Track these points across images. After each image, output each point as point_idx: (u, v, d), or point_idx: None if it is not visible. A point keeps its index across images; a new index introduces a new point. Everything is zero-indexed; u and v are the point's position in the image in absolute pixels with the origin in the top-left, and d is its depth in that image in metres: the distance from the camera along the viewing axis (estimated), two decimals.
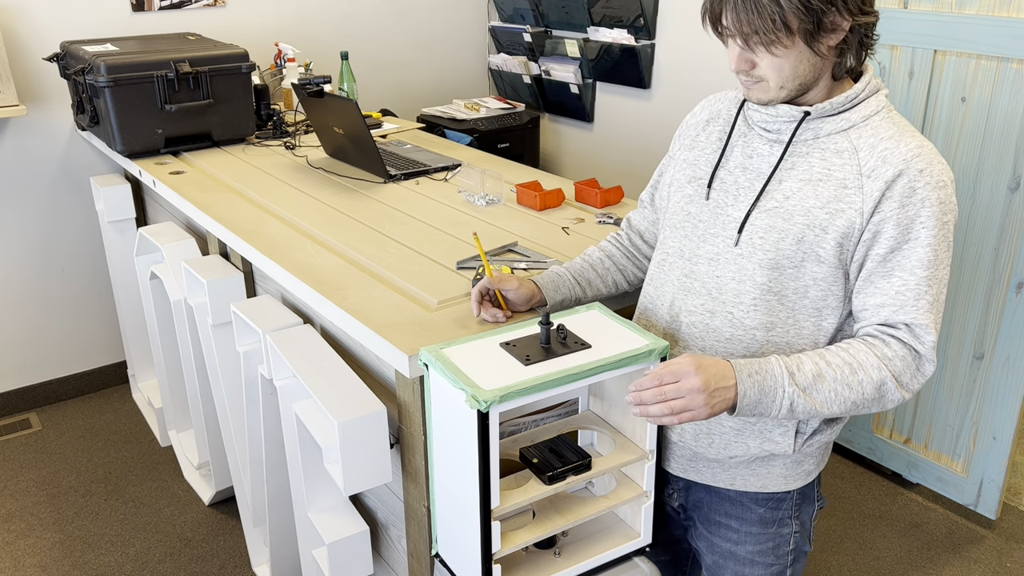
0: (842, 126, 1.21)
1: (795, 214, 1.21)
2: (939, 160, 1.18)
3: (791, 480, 1.36)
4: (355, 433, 1.46)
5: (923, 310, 1.17)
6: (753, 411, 1.17)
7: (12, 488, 2.73)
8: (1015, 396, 2.37)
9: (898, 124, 1.21)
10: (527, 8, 3.64)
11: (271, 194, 2.22)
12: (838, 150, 1.21)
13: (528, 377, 1.20)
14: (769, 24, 1.12)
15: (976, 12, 2.20)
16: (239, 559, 2.41)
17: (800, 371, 1.16)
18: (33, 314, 3.12)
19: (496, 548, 1.27)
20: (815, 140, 1.22)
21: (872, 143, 1.19)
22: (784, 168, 1.24)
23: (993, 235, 2.30)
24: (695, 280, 1.31)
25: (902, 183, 1.16)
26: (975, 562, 2.40)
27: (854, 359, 1.17)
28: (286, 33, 3.37)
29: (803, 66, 1.17)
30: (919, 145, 1.18)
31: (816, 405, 1.16)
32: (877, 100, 1.23)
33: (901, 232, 1.16)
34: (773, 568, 1.41)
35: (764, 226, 1.23)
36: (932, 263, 1.17)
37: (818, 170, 1.21)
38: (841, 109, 1.21)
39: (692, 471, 1.39)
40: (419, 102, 3.81)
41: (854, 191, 1.18)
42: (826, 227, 1.19)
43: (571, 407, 1.55)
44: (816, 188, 1.20)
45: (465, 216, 2.05)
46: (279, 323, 1.81)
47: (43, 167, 3.00)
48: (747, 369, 1.16)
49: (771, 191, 1.24)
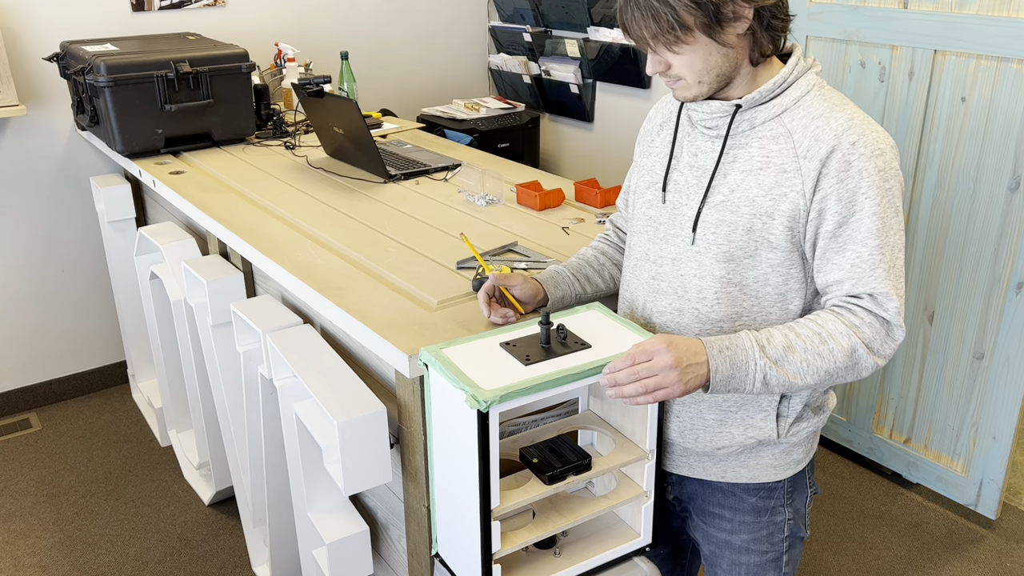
0: (775, 112, 1.23)
1: (741, 205, 1.23)
2: (873, 129, 1.19)
3: (780, 470, 1.38)
4: (355, 433, 1.46)
5: (880, 279, 1.18)
6: (727, 386, 1.18)
7: (12, 488, 2.73)
8: (1015, 396, 2.37)
9: (829, 99, 1.22)
10: (527, 8, 3.64)
11: (271, 194, 2.22)
12: (774, 136, 1.22)
13: (528, 377, 1.20)
14: (665, 25, 1.15)
15: (976, 12, 2.20)
16: (239, 559, 2.41)
17: (770, 343, 1.18)
18: (33, 314, 3.12)
19: (496, 548, 1.27)
20: (752, 130, 1.24)
21: (804, 124, 1.20)
22: (726, 162, 1.26)
23: (993, 235, 2.30)
24: (661, 281, 1.34)
25: (836, 158, 1.17)
26: (975, 562, 2.40)
27: (823, 328, 1.18)
28: (286, 33, 3.37)
29: (713, 58, 1.18)
30: (850, 118, 1.19)
31: (789, 376, 1.17)
32: (807, 80, 1.23)
33: (845, 206, 1.18)
34: (769, 555, 1.43)
35: (715, 221, 1.25)
36: (881, 231, 1.18)
37: (758, 159, 1.23)
38: (771, 96, 1.23)
39: (684, 466, 1.41)
40: (419, 102, 3.81)
41: (793, 174, 1.20)
42: (772, 213, 1.21)
43: (571, 407, 1.55)
44: (758, 177, 1.22)
45: (465, 216, 2.05)
46: (279, 323, 1.81)
47: (43, 167, 3.00)
48: (718, 345, 1.17)
49: (717, 186, 1.26)
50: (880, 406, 2.72)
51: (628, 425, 1.39)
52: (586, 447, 1.44)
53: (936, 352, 2.53)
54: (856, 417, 2.79)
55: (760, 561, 1.43)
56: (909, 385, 2.62)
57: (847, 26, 2.47)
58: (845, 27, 2.48)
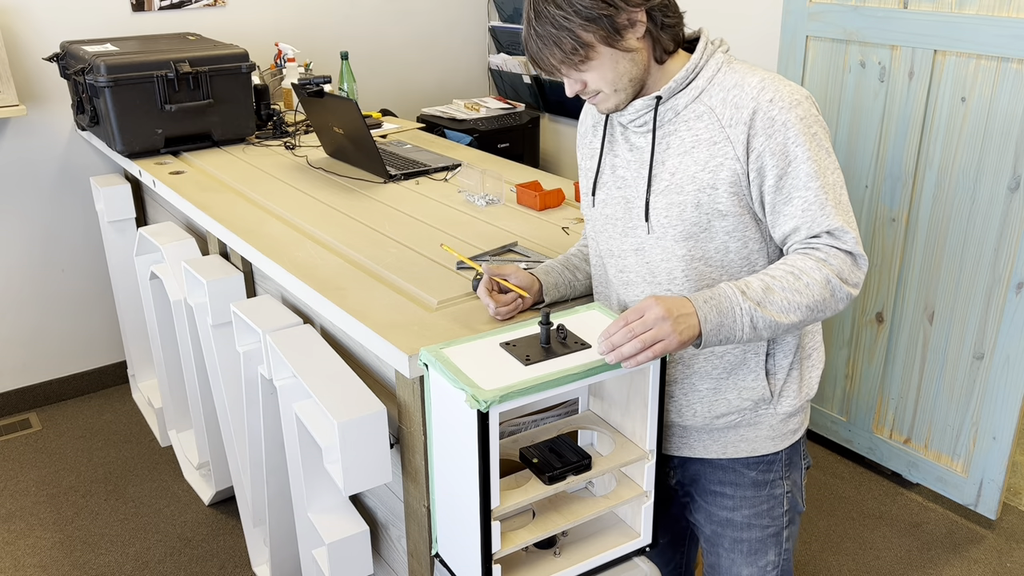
0: (694, 95, 1.29)
1: (684, 184, 1.29)
2: (786, 84, 1.25)
3: (778, 440, 1.43)
4: (355, 433, 1.46)
5: (831, 215, 1.23)
6: (719, 336, 1.21)
7: (12, 488, 2.73)
8: (1015, 396, 2.37)
9: (738, 70, 1.28)
10: None
11: (271, 194, 2.22)
12: (698, 115, 1.28)
13: (528, 377, 1.20)
14: (568, 48, 1.23)
15: (976, 12, 2.20)
16: (239, 559, 2.41)
17: (749, 288, 1.22)
18: (33, 314, 3.12)
19: (496, 548, 1.27)
20: (676, 117, 1.30)
21: (722, 97, 1.27)
22: (661, 150, 1.32)
23: (993, 235, 2.30)
24: (629, 272, 1.39)
25: (760, 117, 1.23)
26: (975, 562, 2.40)
27: (795, 267, 1.23)
28: (286, 33, 3.37)
29: (622, 65, 1.26)
30: (761, 80, 1.25)
31: (774, 316, 1.21)
32: (715, 60, 1.30)
33: (779, 159, 1.23)
34: (769, 529, 1.47)
35: (664, 205, 1.31)
36: (819, 173, 1.23)
37: (688, 140, 1.29)
38: (687, 82, 1.29)
39: (685, 447, 1.45)
40: (419, 102, 3.81)
41: (723, 144, 1.25)
42: (714, 184, 1.26)
43: (571, 407, 1.55)
44: (693, 155, 1.28)
45: (465, 216, 2.05)
46: (279, 323, 1.81)
47: (43, 167, 3.00)
48: (702, 297, 1.22)
49: (658, 174, 1.32)
50: (880, 406, 2.72)
51: (628, 425, 1.39)
52: (586, 447, 1.44)
53: (936, 352, 2.53)
54: (856, 417, 2.79)
55: (761, 536, 1.47)
56: (909, 385, 2.62)
57: (847, 26, 2.47)
58: (845, 27, 2.48)
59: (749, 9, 2.88)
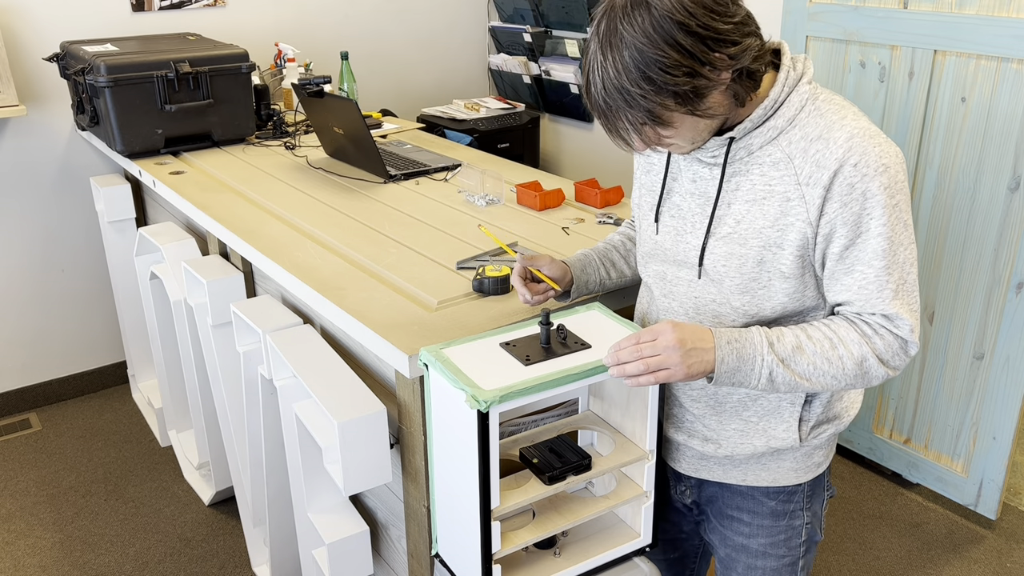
0: (771, 135, 1.18)
1: (749, 237, 1.20)
2: (874, 144, 1.13)
3: (801, 473, 1.37)
4: (355, 433, 1.46)
5: (887, 300, 1.16)
6: (732, 379, 1.17)
7: (12, 488, 2.73)
8: (1015, 396, 2.37)
9: (825, 115, 1.17)
10: (527, 8, 3.64)
11: (271, 194, 2.22)
12: (774, 162, 1.18)
13: (528, 377, 1.20)
14: (642, 120, 1.11)
15: (976, 12, 2.20)
16: (239, 559, 2.41)
17: (780, 341, 1.17)
18: (33, 314, 3.12)
19: (496, 548, 1.27)
20: (750, 156, 1.20)
21: (803, 147, 1.16)
22: (728, 191, 1.22)
23: (993, 235, 2.30)
24: (673, 300, 1.33)
25: (839, 183, 1.13)
26: (975, 562, 2.40)
27: (835, 334, 1.17)
28: (286, 33, 3.37)
29: (702, 124, 1.15)
30: (849, 136, 1.14)
31: (796, 377, 1.17)
32: (799, 96, 1.18)
33: (851, 229, 1.15)
34: (785, 559, 1.42)
35: (724, 254, 1.23)
36: (888, 251, 1.15)
37: (760, 188, 1.19)
38: (764, 120, 1.18)
39: (704, 470, 1.40)
40: (419, 102, 3.81)
41: (797, 202, 1.16)
42: (781, 243, 1.18)
43: (571, 407, 1.55)
44: (762, 207, 1.19)
45: (465, 216, 2.05)
46: (279, 323, 1.81)
47: (43, 167, 3.00)
48: (727, 336, 1.17)
49: (722, 216, 1.23)
50: (880, 406, 2.72)
51: (628, 425, 1.39)
52: (586, 447, 1.44)
53: (936, 352, 2.53)
54: (856, 417, 2.79)
55: (776, 566, 1.42)
56: (909, 385, 2.62)
57: (847, 26, 2.47)
58: (845, 27, 2.48)
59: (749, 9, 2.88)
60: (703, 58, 1.08)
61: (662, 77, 1.07)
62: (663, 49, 1.06)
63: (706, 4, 1.08)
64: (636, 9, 1.08)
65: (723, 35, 1.08)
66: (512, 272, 1.43)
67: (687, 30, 1.06)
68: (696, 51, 1.07)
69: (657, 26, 1.06)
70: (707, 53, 1.08)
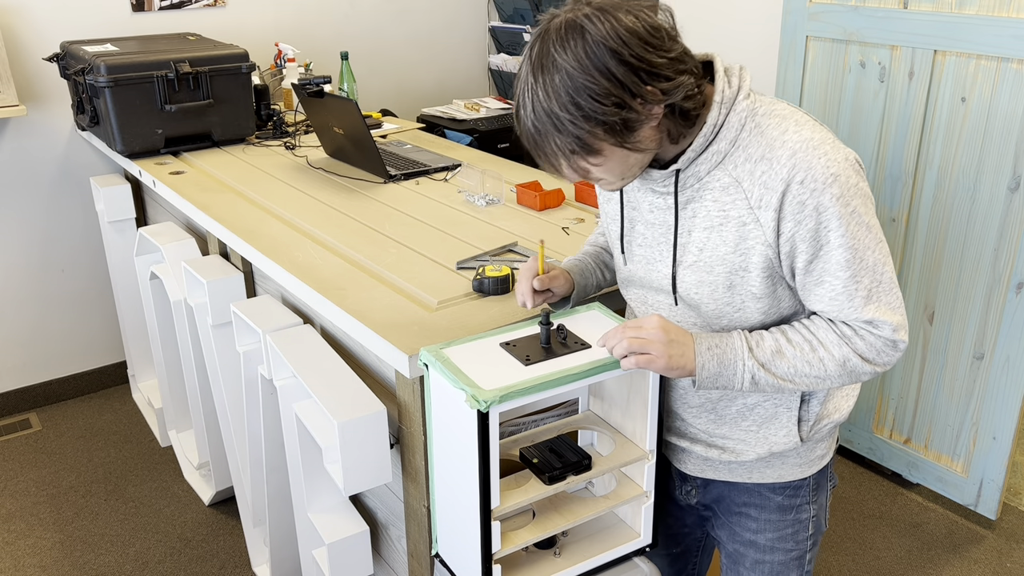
0: (716, 160, 1.16)
1: (714, 264, 1.20)
2: (819, 155, 1.11)
3: (806, 467, 1.38)
4: (355, 433, 1.46)
5: (859, 307, 1.14)
6: (715, 384, 1.18)
7: (12, 488, 2.73)
8: (1015, 396, 2.37)
9: (766, 132, 1.14)
10: (527, 8, 3.64)
11: (271, 194, 2.22)
12: (724, 187, 1.16)
13: (528, 377, 1.20)
14: (571, 150, 1.10)
15: (976, 12, 2.20)
16: (239, 559, 2.41)
17: (760, 346, 1.18)
18: (33, 314, 3.12)
19: (496, 548, 1.27)
20: (699, 183, 1.19)
21: (749, 170, 1.14)
22: (686, 218, 1.21)
23: (993, 235, 2.30)
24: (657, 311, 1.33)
25: (789, 202, 1.11)
26: (975, 562, 2.40)
27: (815, 337, 1.18)
28: (286, 33, 3.37)
29: (633, 158, 1.14)
30: (792, 154, 1.11)
31: (778, 379, 1.18)
32: (738, 116, 1.15)
33: (810, 245, 1.13)
34: (793, 553, 1.43)
35: (694, 281, 1.23)
36: (852, 260, 1.13)
37: (715, 214, 1.18)
38: (705, 147, 1.16)
39: (709, 471, 1.40)
40: (419, 102, 3.81)
41: (752, 226, 1.15)
42: (746, 267, 1.18)
43: (571, 407, 1.55)
44: (721, 234, 1.18)
45: (465, 216, 2.05)
46: (279, 323, 1.81)
47: (43, 167, 3.00)
48: (707, 342, 1.18)
49: (685, 244, 1.22)
50: (880, 406, 2.72)
51: (628, 425, 1.39)
52: (586, 447, 1.44)
53: (936, 352, 2.52)
54: (856, 417, 2.79)
55: (784, 559, 1.43)
56: (909, 385, 2.62)
57: (847, 26, 2.47)
58: (845, 27, 2.48)
59: (749, 9, 2.88)
60: (634, 90, 1.06)
61: (591, 104, 1.05)
62: (594, 76, 1.05)
63: (641, 36, 1.06)
64: (570, 34, 1.06)
65: (656, 69, 1.07)
66: (522, 277, 1.41)
67: (620, 59, 1.05)
68: (627, 82, 1.06)
69: (590, 52, 1.05)
70: (639, 85, 1.06)
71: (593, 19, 1.06)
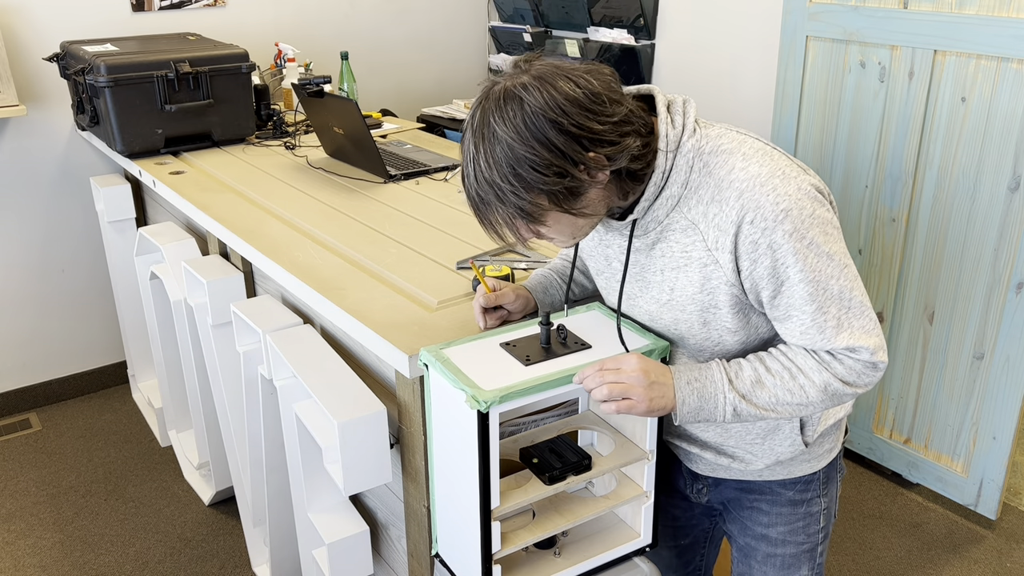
0: (672, 204, 1.16)
1: (686, 304, 1.20)
2: (766, 191, 1.09)
3: (815, 462, 1.39)
4: (355, 433, 1.46)
5: (831, 338, 1.13)
6: (696, 417, 1.19)
7: (12, 488, 2.73)
8: (1015, 396, 2.37)
9: (714, 172, 1.13)
10: (527, 8, 3.64)
11: (271, 194, 2.22)
12: (683, 229, 1.16)
13: (528, 377, 1.20)
14: (514, 217, 1.09)
15: (976, 12, 2.20)
16: (239, 559, 2.41)
17: (739, 377, 1.17)
18: (33, 314, 3.12)
19: (496, 548, 1.27)
20: (660, 225, 1.18)
21: (703, 211, 1.13)
22: (656, 257, 1.21)
23: (993, 235, 2.30)
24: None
25: (743, 243, 1.10)
26: (975, 562, 2.40)
27: (794, 364, 1.17)
28: (286, 33, 3.37)
29: (581, 221, 1.13)
30: (739, 194, 1.10)
31: (759, 410, 1.18)
32: (684, 158, 1.14)
33: (770, 281, 1.12)
34: (804, 546, 1.44)
35: (671, 320, 1.24)
36: (815, 293, 1.11)
37: (679, 255, 1.18)
38: (657, 194, 1.15)
39: (721, 470, 1.41)
40: (419, 102, 3.81)
41: (713, 267, 1.15)
42: (716, 304, 1.18)
43: (571, 407, 1.55)
44: (687, 274, 1.18)
45: (465, 216, 2.05)
46: (279, 323, 1.81)
47: (43, 167, 3.00)
48: (686, 376, 1.18)
49: (659, 283, 1.23)
50: (880, 406, 2.72)
51: (628, 425, 1.39)
52: (586, 447, 1.44)
53: (936, 352, 2.53)
54: (856, 417, 2.79)
55: (796, 552, 1.44)
56: (909, 385, 2.62)
57: (847, 26, 2.47)
58: (845, 27, 2.48)
59: (749, 9, 2.88)
60: (576, 158, 1.05)
61: (532, 175, 1.04)
62: (534, 147, 1.03)
63: (581, 103, 1.05)
64: (508, 103, 1.05)
65: (598, 135, 1.05)
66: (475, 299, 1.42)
67: (560, 128, 1.03)
68: (568, 150, 1.04)
69: (529, 122, 1.03)
70: (580, 153, 1.05)
71: (531, 88, 1.04)
